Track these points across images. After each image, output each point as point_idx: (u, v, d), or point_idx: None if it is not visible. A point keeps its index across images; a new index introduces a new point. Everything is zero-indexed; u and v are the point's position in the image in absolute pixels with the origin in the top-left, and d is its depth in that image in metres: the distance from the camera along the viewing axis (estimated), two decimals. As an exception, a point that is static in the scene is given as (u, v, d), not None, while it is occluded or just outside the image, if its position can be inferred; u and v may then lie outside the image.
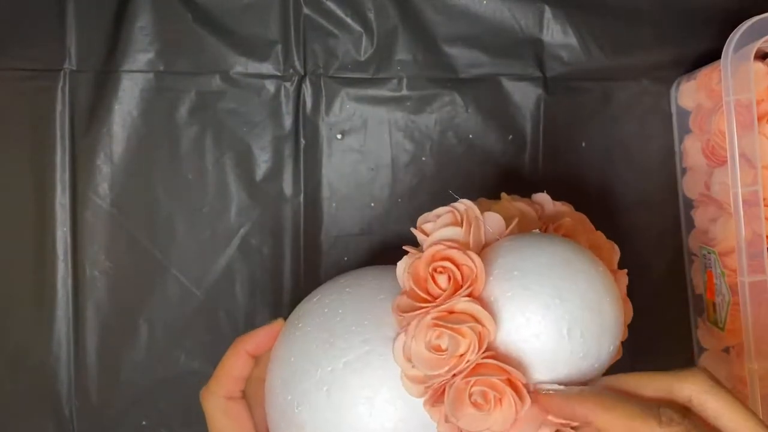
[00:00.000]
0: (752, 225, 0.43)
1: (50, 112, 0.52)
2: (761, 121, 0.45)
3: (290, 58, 0.53)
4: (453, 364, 0.31)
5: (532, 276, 0.33)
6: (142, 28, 0.52)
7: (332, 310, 0.37)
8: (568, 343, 0.32)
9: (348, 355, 0.34)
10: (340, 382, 0.34)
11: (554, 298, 0.32)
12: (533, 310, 0.32)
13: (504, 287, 0.33)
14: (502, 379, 0.31)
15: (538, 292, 0.32)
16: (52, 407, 0.53)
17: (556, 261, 0.33)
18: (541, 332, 0.32)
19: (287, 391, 0.36)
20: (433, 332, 0.32)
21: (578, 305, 0.32)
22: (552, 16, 0.53)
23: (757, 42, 0.42)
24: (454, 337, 0.31)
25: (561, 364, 0.32)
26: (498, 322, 0.32)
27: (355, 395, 0.34)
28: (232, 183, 0.53)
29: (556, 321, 0.32)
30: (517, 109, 0.54)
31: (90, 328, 0.53)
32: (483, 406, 0.31)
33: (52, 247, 0.53)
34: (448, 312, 0.32)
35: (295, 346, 0.37)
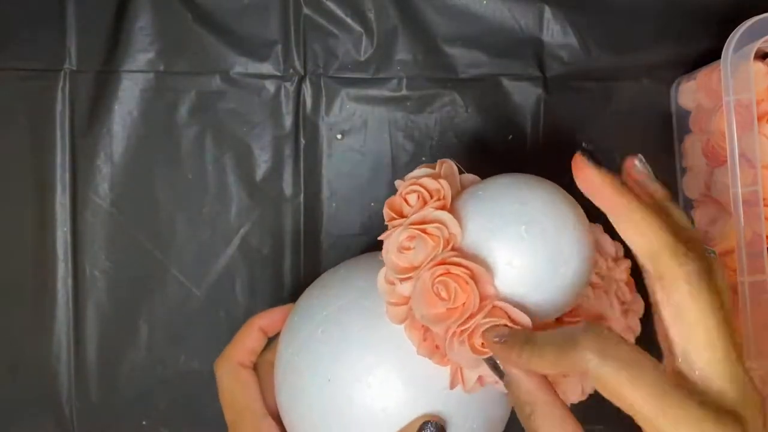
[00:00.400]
0: (752, 225, 0.43)
1: (50, 112, 0.52)
2: (761, 121, 0.45)
3: (290, 58, 0.53)
4: (420, 262, 0.33)
5: (494, 190, 0.35)
6: (142, 28, 0.52)
7: (329, 274, 0.41)
8: (528, 242, 0.33)
9: (341, 300, 0.38)
10: (333, 321, 0.37)
11: (513, 203, 0.34)
12: (494, 216, 0.34)
13: (470, 203, 0.35)
14: (466, 272, 0.33)
15: (498, 201, 0.34)
16: (52, 407, 0.53)
17: (517, 178, 0.36)
18: (500, 233, 0.33)
19: (290, 346, 0.39)
20: (404, 236, 0.34)
21: (537, 208, 0.34)
22: (552, 16, 0.53)
23: (757, 42, 0.42)
24: (422, 237, 0.34)
25: (525, 268, 0.33)
26: (465, 230, 0.34)
27: (348, 331, 0.37)
28: (232, 183, 0.54)
29: (515, 220, 0.33)
30: (517, 109, 0.54)
31: (90, 328, 0.53)
32: (446, 298, 0.33)
33: (52, 247, 0.53)
34: (419, 222, 0.34)
35: (296, 309, 0.40)
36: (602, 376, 0.28)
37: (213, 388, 0.53)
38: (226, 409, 0.40)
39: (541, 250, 0.33)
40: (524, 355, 0.31)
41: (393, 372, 0.36)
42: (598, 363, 0.28)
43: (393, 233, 0.35)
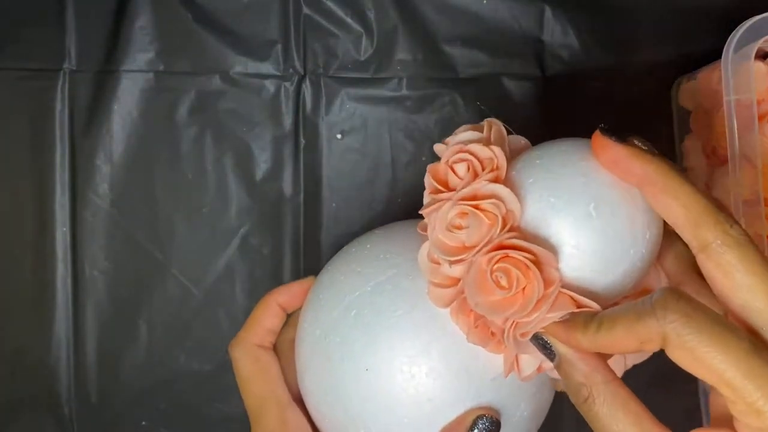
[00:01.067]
0: (753, 225, 0.43)
1: (50, 112, 0.52)
2: (762, 121, 0.44)
3: (290, 58, 0.53)
4: (475, 243, 0.30)
5: (554, 159, 0.31)
6: (141, 28, 0.52)
7: (359, 246, 0.36)
8: (597, 221, 0.30)
9: (376, 278, 0.34)
10: (368, 303, 0.33)
11: (578, 176, 0.30)
12: (557, 190, 0.30)
13: (527, 174, 0.31)
14: (528, 257, 0.29)
15: (561, 173, 0.31)
16: (51, 407, 0.53)
17: (578, 145, 0.32)
18: (565, 210, 0.30)
19: (316, 326, 0.35)
20: (454, 212, 0.30)
21: (605, 182, 0.30)
22: (552, 15, 0.53)
23: (757, 42, 0.42)
24: (476, 214, 0.30)
25: (593, 251, 0.30)
26: (524, 206, 0.30)
27: (385, 315, 0.33)
28: (231, 183, 0.53)
29: (582, 197, 0.30)
30: (517, 108, 0.54)
31: (89, 328, 0.53)
32: (506, 287, 0.29)
33: (52, 247, 0.53)
34: (471, 197, 0.31)
35: (322, 284, 0.36)
36: (687, 341, 0.25)
37: (213, 388, 0.53)
38: (245, 396, 0.37)
39: (611, 230, 0.30)
40: (590, 332, 0.28)
41: (438, 360, 0.32)
42: (682, 326, 0.25)
43: (441, 208, 0.31)
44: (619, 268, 0.30)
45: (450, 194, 0.31)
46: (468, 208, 0.30)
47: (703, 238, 0.27)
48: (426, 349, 0.32)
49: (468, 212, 0.30)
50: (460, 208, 0.30)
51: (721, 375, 0.25)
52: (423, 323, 0.33)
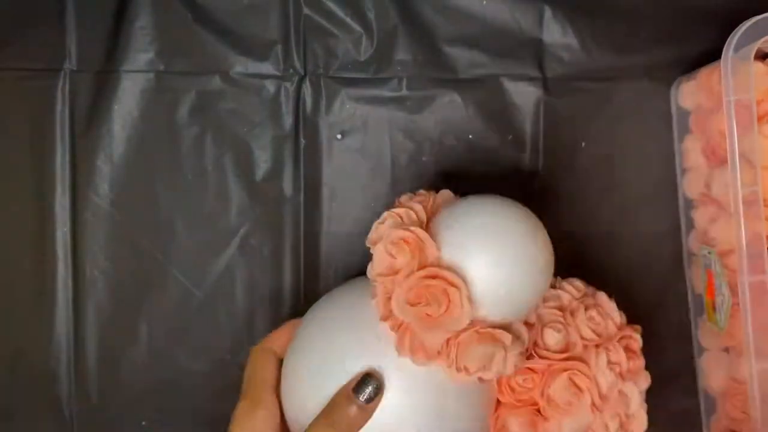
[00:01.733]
0: (752, 225, 0.43)
1: (50, 112, 0.52)
2: (761, 122, 0.45)
3: (290, 58, 0.53)
4: (404, 266, 0.39)
5: (459, 212, 0.40)
6: (142, 28, 0.53)
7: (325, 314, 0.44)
8: (499, 272, 0.39)
9: None
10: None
11: (483, 227, 0.39)
12: (466, 237, 0.39)
13: (443, 225, 0.40)
14: (443, 283, 0.38)
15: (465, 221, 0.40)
16: (52, 408, 0.53)
17: (483, 200, 0.41)
18: (475, 252, 0.39)
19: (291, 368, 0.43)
20: (389, 245, 0.39)
21: (504, 234, 0.39)
22: (552, 16, 0.53)
23: (757, 42, 0.42)
24: (402, 246, 0.39)
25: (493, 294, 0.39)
26: (440, 246, 0.39)
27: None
28: (232, 183, 0.54)
29: (486, 247, 0.39)
30: (517, 109, 0.54)
31: (90, 328, 0.53)
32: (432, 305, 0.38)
33: (52, 247, 0.53)
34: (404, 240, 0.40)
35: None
36: None
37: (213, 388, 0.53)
38: (245, 381, 0.43)
39: (509, 271, 0.39)
40: None
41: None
42: None
43: (380, 241, 0.40)
44: (516, 301, 0.40)
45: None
46: (399, 242, 0.39)
47: None
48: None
49: (398, 243, 0.39)
50: (394, 248, 0.39)
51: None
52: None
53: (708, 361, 0.53)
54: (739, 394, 0.49)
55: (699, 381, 0.54)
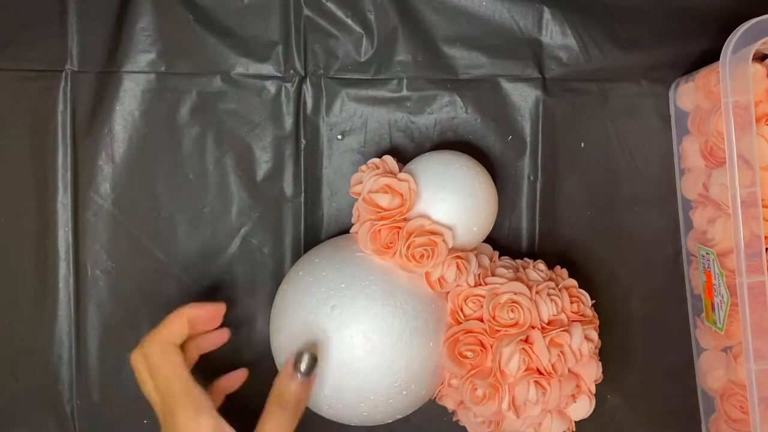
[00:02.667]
0: (750, 226, 0.43)
1: (52, 113, 0.53)
2: (759, 123, 0.45)
3: (291, 59, 0.53)
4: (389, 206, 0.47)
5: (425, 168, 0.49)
6: (143, 29, 0.53)
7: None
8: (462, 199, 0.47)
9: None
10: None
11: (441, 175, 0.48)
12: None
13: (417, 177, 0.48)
14: (396, 183, 0.47)
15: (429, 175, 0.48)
16: (53, 406, 0.53)
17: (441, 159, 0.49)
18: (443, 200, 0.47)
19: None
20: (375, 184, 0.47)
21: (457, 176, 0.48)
22: (551, 17, 0.53)
23: (755, 44, 0.42)
24: (393, 188, 0.47)
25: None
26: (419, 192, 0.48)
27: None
28: (233, 183, 0.54)
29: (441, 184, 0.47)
30: (516, 109, 0.54)
31: (91, 327, 0.53)
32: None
33: (54, 247, 0.53)
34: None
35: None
36: None
37: (213, 388, 0.53)
38: (154, 387, 0.42)
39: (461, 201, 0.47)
40: None
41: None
42: None
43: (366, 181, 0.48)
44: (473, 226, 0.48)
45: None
46: (387, 181, 0.47)
47: None
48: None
49: (387, 186, 0.47)
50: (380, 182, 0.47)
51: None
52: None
53: (707, 361, 0.53)
54: (737, 394, 0.49)
55: (698, 381, 0.55)
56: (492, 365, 0.45)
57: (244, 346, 0.54)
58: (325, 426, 0.49)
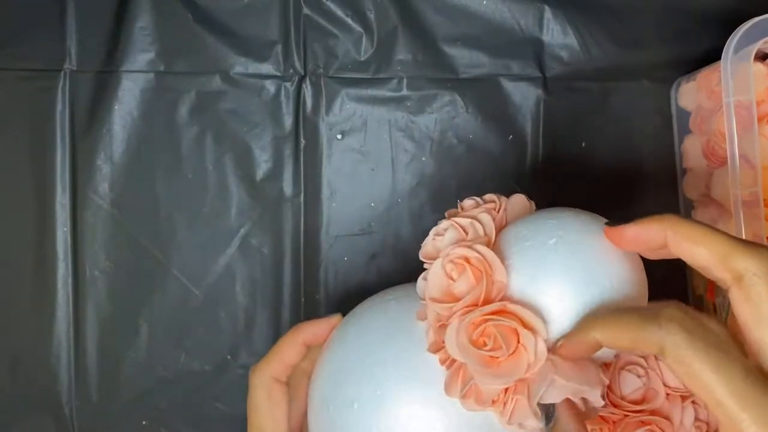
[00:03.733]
0: (752, 226, 0.43)
1: (50, 112, 0.52)
2: (761, 122, 0.45)
3: (290, 59, 0.53)
4: (465, 294, 0.32)
5: (531, 228, 0.33)
6: (142, 29, 0.53)
7: (369, 316, 0.37)
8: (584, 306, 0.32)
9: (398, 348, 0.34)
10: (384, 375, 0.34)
11: (553, 238, 0.32)
12: (542, 261, 0.32)
13: (512, 247, 0.33)
14: (515, 323, 0.31)
15: (539, 241, 0.33)
16: (52, 407, 0.53)
17: (554, 213, 0.34)
18: (554, 281, 0.32)
19: (329, 396, 0.36)
20: (449, 265, 0.33)
21: (575, 239, 0.32)
22: (552, 16, 0.53)
23: (757, 43, 0.42)
24: (465, 268, 0.32)
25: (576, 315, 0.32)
26: (509, 272, 0.32)
27: (397, 385, 0.34)
28: (232, 183, 0.54)
29: (569, 274, 0.32)
30: (517, 109, 0.54)
31: (90, 327, 0.53)
32: (494, 348, 0.31)
33: (53, 247, 0.53)
34: (463, 257, 0.33)
35: (335, 354, 0.37)
36: (684, 355, 0.26)
37: (213, 388, 0.53)
38: (249, 423, 0.38)
39: (595, 299, 0.32)
40: (597, 332, 0.29)
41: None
42: (682, 341, 0.26)
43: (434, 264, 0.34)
44: None
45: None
46: (460, 261, 0.32)
47: (735, 271, 0.28)
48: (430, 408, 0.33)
49: (460, 264, 0.32)
50: (453, 266, 0.33)
51: (711, 393, 0.26)
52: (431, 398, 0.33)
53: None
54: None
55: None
56: None
57: (242, 347, 0.53)
58: None
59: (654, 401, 0.36)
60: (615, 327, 0.29)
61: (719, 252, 0.28)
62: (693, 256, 0.29)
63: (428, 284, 0.33)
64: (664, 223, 0.30)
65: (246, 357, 0.53)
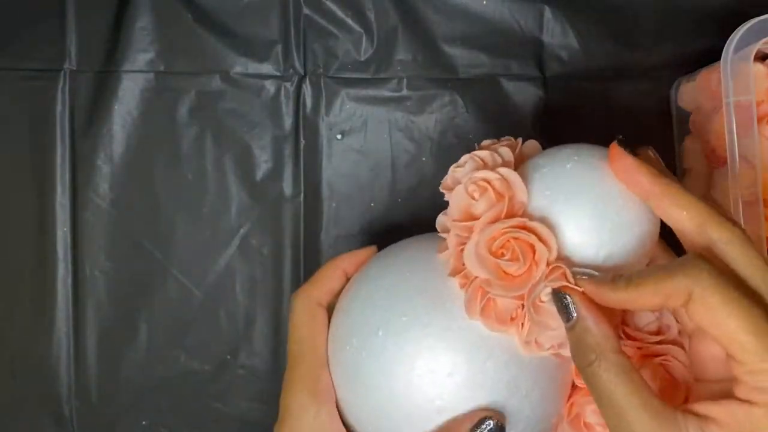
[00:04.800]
0: (752, 226, 0.43)
1: (50, 113, 0.52)
2: (761, 123, 0.45)
3: (290, 59, 0.53)
4: (487, 210, 0.33)
5: (547, 158, 0.36)
6: (142, 29, 0.53)
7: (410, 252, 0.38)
8: (600, 231, 0.33)
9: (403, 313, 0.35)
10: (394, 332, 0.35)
11: (569, 162, 0.35)
12: (562, 185, 0.34)
13: (530, 175, 0.35)
14: (531, 237, 0.32)
15: (556, 165, 0.35)
16: (52, 407, 0.53)
17: (576, 147, 0.36)
18: (574, 205, 0.33)
19: (348, 336, 0.37)
20: (471, 186, 0.34)
21: (602, 178, 0.34)
22: (552, 16, 0.53)
23: (757, 43, 0.42)
24: (487, 188, 0.33)
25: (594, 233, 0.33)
26: (530, 194, 0.34)
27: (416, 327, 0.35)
28: (232, 183, 0.54)
29: (589, 199, 0.34)
30: (517, 109, 0.54)
31: (90, 327, 0.53)
32: (513, 260, 0.32)
33: (52, 247, 0.53)
34: (485, 179, 0.34)
35: (372, 278, 0.38)
36: (711, 299, 0.28)
37: (213, 388, 0.53)
38: (291, 340, 0.39)
39: (611, 225, 0.33)
40: (619, 288, 0.30)
41: (461, 363, 0.34)
42: (709, 284, 0.28)
43: (458, 184, 0.35)
44: (619, 241, 0.34)
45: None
46: (483, 183, 0.34)
47: (707, 237, 0.30)
48: (448, 351, 0.34)
49: (482, 186, 0.34)
50: (474, 186, 0.34)
51: (734, 333, 0.28)
52: (455, 333, 0.34)
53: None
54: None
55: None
56: None
57: (242, 347, 0.53)
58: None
59: (668, 333, 0.36)
60: (641, 288, 0.30)
61: (695, 221, 0.31)
62: (671, 218, 0.32)
63: (450, 208, 0.35)
64: (657, 177, 0.32)
65: (246, 357, 0.53)
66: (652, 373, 0.35)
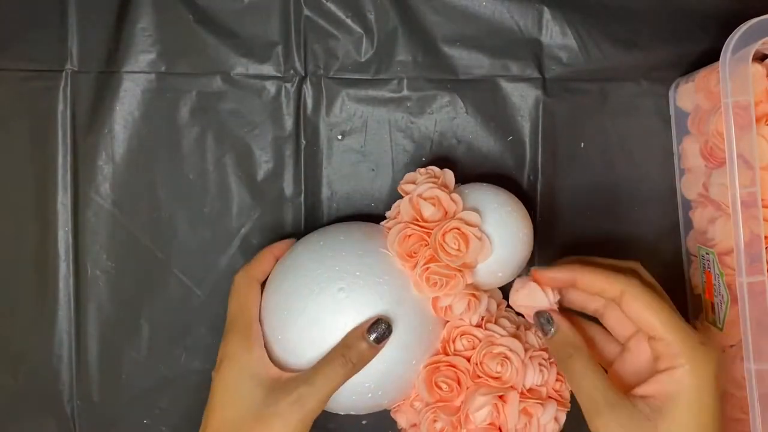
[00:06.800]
0: (750, 226, 0.43)
1: (52, 113, 0.53)
2: (759, 123, 0.45)
3: (291, 59, 0.53)
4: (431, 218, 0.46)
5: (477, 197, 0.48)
6: (143, 29, 0.53)
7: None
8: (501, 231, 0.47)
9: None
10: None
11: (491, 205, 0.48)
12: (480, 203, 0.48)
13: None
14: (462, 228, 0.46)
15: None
16: (53, 406, 0.53)
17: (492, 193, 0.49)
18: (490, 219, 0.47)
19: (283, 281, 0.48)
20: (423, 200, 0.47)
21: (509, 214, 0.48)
22: (551, 17, 0.53)
23: (755, 44, 0.42)
24: (440, 201, 0.47)
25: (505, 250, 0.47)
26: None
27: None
28: (233, 183, 0.54)
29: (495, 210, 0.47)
30: (516, 110, 0.54)
31: (91, 327, 0.53)
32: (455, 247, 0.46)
33: (54, 247, 0.53)
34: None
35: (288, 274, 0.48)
36: (638, 296, 0.42)
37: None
38: (231, 306, 0.47)
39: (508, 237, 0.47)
40: (578, 273, 0.44)
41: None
42: (639, 286, 0.42)
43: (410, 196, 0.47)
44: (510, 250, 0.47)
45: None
46: (440, 195, 0.47)
47: (618, 291, 0.43)
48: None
49: (437, 199, 0.47)
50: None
51: (654, 324, 0.41)
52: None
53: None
54: (737, 394, 0.49)
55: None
56: (461, 406, 0.45)
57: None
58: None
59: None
60: (592, 273, 0.44)
61: (602, 284, 0.43)
62: (590, 286, 0.44)
63: (403, 207, 0.47)
64: (574, 270, 0.44)
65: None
66: (494, 355, 0.46)
